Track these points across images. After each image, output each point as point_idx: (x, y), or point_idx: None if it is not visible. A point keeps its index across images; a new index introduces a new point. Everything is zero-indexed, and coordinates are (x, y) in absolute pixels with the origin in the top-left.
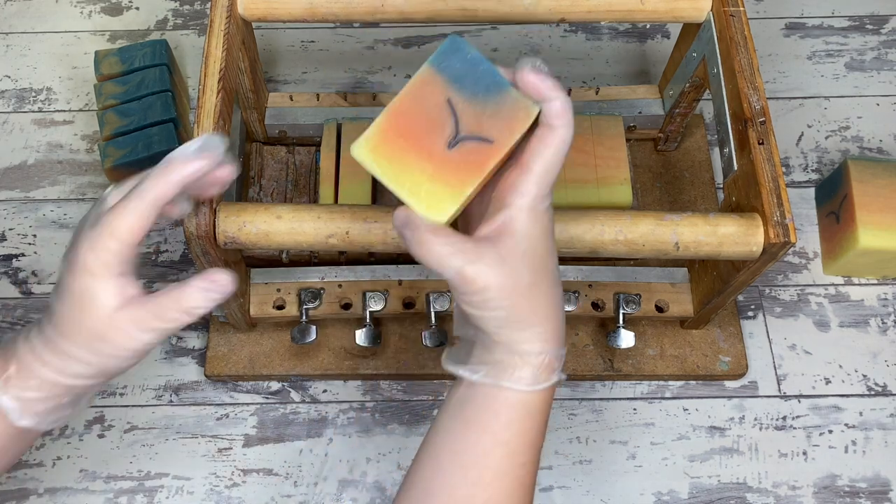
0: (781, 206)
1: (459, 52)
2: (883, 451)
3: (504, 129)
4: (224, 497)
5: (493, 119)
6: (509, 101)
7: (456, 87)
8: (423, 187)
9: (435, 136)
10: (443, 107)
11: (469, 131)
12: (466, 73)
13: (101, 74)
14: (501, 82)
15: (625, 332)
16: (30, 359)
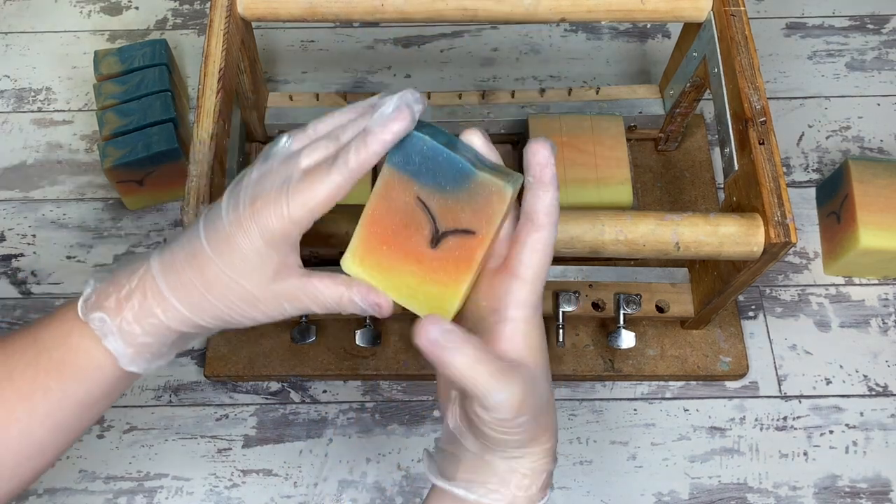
0: (782, 206)
1: (415, 146)
2: (884, 451)
3: (482, 217)
4: (224, 497)
5: (469, 208)
6: (480, 187)
7: (422, 183)
8: (419, 290)
9: (415, 237)
10: (415, 206)
11: (448, 226)
12: (428, 166)
13: (101, 74)
14: (465, 169)
15: (625, 332)
16: (154, 301)
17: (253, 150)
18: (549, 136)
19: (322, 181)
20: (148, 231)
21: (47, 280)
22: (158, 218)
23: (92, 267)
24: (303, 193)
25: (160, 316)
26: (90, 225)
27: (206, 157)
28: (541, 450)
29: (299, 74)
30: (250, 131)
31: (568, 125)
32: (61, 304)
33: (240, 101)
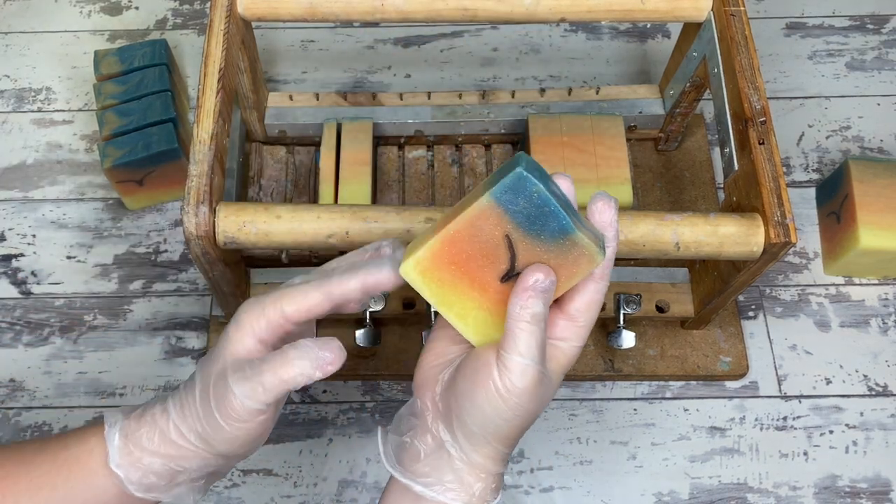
0: (782, 206)
1: (525, 190)
2: (884, 451)
3: (564, 273)
4: (224, 497)
5: (553, 262)
6: (574, 246)
7: (517, 224)
8: (472, 314)
9: (489, 269)
10: (500, 242)
11: (525, 269)
12: (531, 212)
13: (101, 74)
14: (568, 228)
15: (625, 332)
16: (162, 429)
17: (253, 150)
18: (549, 135)
19: (298, 288)
20: (148, 231)
21: (47, 280)
22: (158, 218)
23: (92, 267)
24: (277, 295)
25: (164, 440)
26: (90, 225)
27: (206, 157)
28: (498, 452)
29: (299, 74)
30: (250, 131)
31: (568, 125)
32: (101, 416)
33: (240, 101)
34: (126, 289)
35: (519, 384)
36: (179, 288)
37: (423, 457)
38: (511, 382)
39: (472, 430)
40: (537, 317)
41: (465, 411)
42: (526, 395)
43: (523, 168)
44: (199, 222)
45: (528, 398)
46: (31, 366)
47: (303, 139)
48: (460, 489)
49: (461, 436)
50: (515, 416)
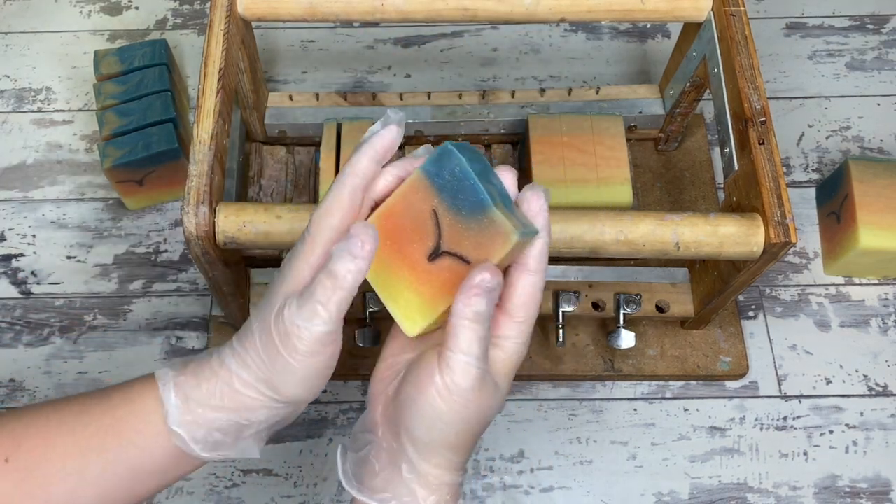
0: (782, 206)
1: (450, 163)
2: (884, 451)
3: (482, 252)
4: (224, 497)
5: (474, 239)
6: (491, 223)
7: (442, 199)
8: (403, 295)
9: (417, 245)
10: (428, 216)
11: (449, 247)
12: (454, 186)
13: (101, 74)
14: (485, 202)
15: (625, 332)
16: (218, 380)
17: (253, 149)
18: (549, 135)
19: (330, 204)
20: (148, 231)
21: (47, 280)
22: (158, 218)
23: (92, 267)
24: (319, 227)
25: (227, 396)
26: (90, 225)
27: (206, 157)
28: (449, 461)
29: (299, 74)
30: (250, 131)
31: (568, 125)
32: (147, 374)
33: (240, 101)
34: (126, 289)
35: (461, 383)
36: (179, 288)
37: (377, 472)
38: (452, 381)
39: (419, 438)
40: (481, 315)
41: (410, 418)
42: (468, 395)
43: (452, 145)
44: (199, 222)
45: (470, 398)
46: (31, 366)
47: (303, 139)
48: (414, 500)
49: (409, 445)
50: (459, 418)
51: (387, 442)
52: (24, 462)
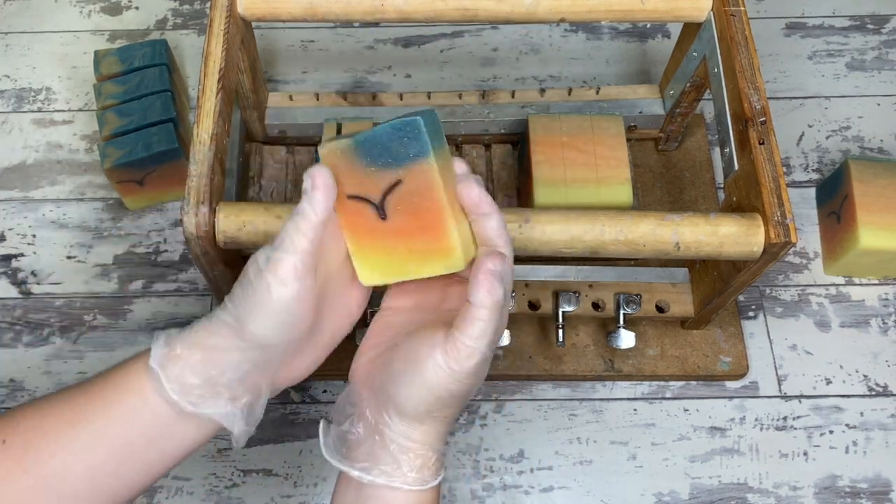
0: (782, 205)
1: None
2: (884, 451)
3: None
4: (224, 497)
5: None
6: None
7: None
8: (424, 256)
9: (372, 220)
10: (355, 202)
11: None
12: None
13: (101, 74)
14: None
15: (625, 332)
16: (209, 333)
17: (253, 149)
18: (549, 135)
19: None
20: (148, 231)
21: (47, 280)
22: (158, 218)
23: (92, 267)
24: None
25: (198, 334)
26: (90, 225)
27: (206, 157)
28: (436, 431)
29: (299, 74)
30: (250, 131)
31: (568, 125)
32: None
33: (240, 101)
34: (126, 289)
35: (466, 367)
36: (179, 288)
37: (360, 443)
38: (457, 364)
39: (407, 410)
40: (499, 304)
41: (402, 393)
42: (468, 380)
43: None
44: (199, 222)
45: (469, 380)
46: (31, 366)
47: (303, 139)
48: (397, 471)
49: (396, 417)
50: (452, 395)
51: (371, 413)
52: (20, 440)
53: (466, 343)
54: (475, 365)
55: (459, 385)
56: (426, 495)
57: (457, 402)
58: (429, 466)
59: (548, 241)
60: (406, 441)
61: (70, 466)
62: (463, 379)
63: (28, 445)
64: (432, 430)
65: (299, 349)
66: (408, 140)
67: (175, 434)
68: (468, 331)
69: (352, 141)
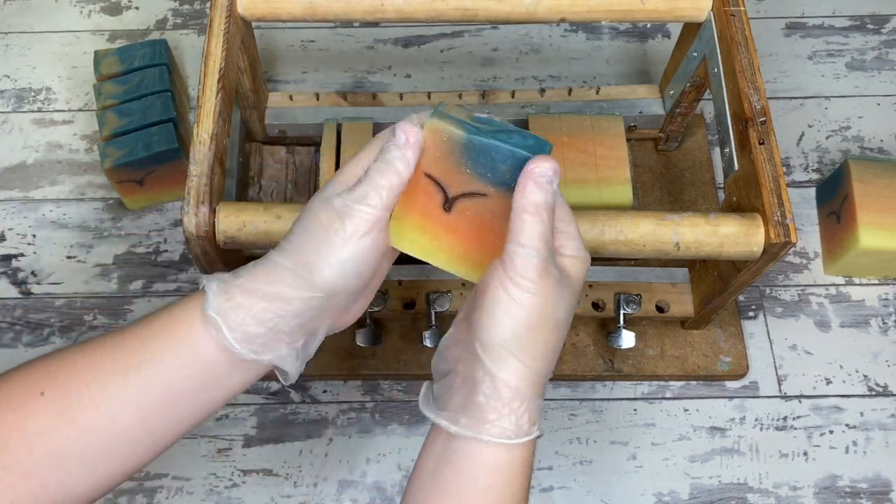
0: (782, 205)
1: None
2: (884, 451)
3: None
4: (224, 497)
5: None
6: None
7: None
8: (450, 253)
9: (433, 205)
10: (422, 177)
11: (460, 191)
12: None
13: (101, 74)
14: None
15: (625, 332)
16: (266, 280)
17: (253, 149)
18: (549, 136)
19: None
20: (148, 231)
21: (47, 280)
22: (158, 218)
23: (92, 267)
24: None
25: (262, 277)
26: (90, 225)
27: (206, 157)
28: (526, 368)
29: (299, 74)
30: (250, 131)
31: (568, 125)
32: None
33: (240, 101)
34: (126, 289)
35: (523, 272)
36: (179, 288)
37: (453, 396)
38: (513, 271)
39: (492, 344)
40: (538, 207)
41: (479, 323)
42: (530, 285)
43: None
44: (199, 222)
45: (538, 293)
46: None
47: (303, 139)
48: (483, 420)
49: (483, 353)
50: (528, 314)
51: (464, 363)
52: (60, 393)
53: (515, 249)
54: (536, 273)
55: (530, 299)
56: (516, 452)
57: (541, 327)
58: (517, 418)
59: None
60: (499, 379)
61: (117, 418)
62: (530, 289)
63: (70, 398)
64: (524, 365)
65: (359, 295)
66: (518, 170)
67: (226, 380)
68: (511, 236)
69: (464, 136)
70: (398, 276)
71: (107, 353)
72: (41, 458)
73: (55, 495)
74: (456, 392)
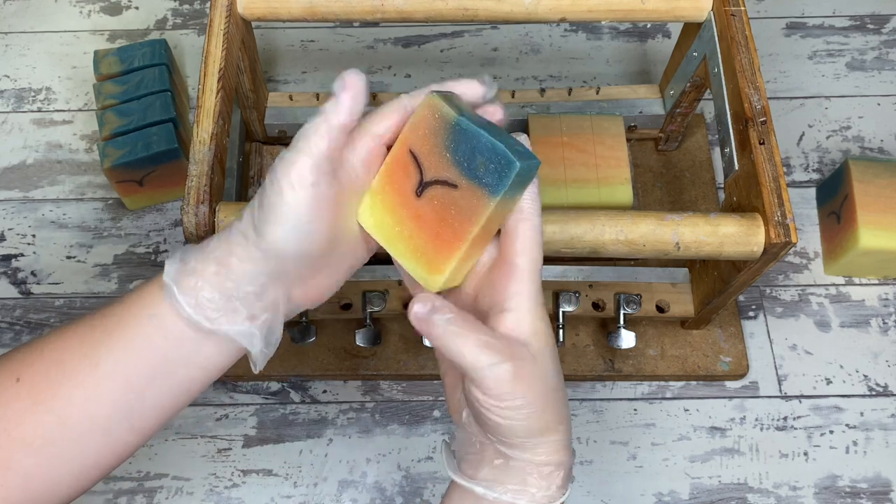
0: (782, 205)
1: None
2: (884, 451)
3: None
4: (224, 497)
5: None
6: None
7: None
8: (409, 244)
9: (406, 184)
10: (405, 155)
11: (434, 176)
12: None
13: (101, 74)
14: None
15: (625, 332)
16: (227, 250)
17: (253, 149)
18: (549, 136)
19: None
20: (148, 231)
21: (47, 280)
22: (158, 218)
23: (92, 267)
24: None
25: (212, 246)
26: (90, 225)
27: (206, 157)
28: (554, 441)
29: (299, 74)
30: (250, 131)
31: (568, 125)
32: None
33: (240, 101)
34: (126, 289)
35: (495, 392)
36: None
37: (483, 462)
38: (490, 398)
39: (514, 444)
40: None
41: (494, 432)
42: (515, 400)
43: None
44: (199, 222)
45: (519, 399)
46: None
47: None
48: (522, 489)
49: (510, 450)
50: (525, 416)
51: (491, 447)
52: (37, 378)
53: (481, 374)
54: (507, 387)
55: (518, 410)
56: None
57: (552, 409)
58: (556, 481)
59: (548, 241)
60: (534, 467)
61: (93, 405)
62: (514, 406)
63: (45, 383)
64: (550, 449)
65: (317, 267)
66: (493, 167)
67: (196, 356)
68: (506, 299)
69: (455, 117)
70: (398, 276)
71: (80, 336)
72: (18, 443)
73: (40, 486)
74: (488, 461)
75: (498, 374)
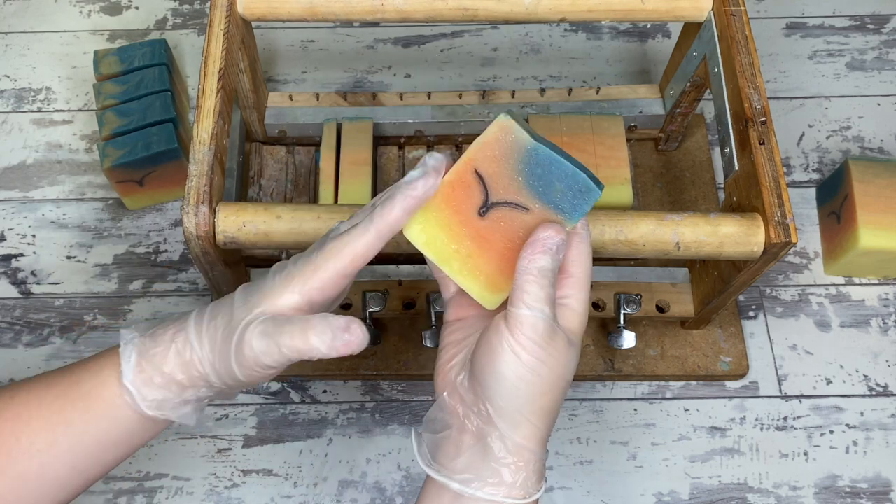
0: (782, 205)
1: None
2: (884, 451)
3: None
4: (224, 497)
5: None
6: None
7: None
8: (467, 263)
9: (468, 204)
10: (470, 175)
11: (501, 198)
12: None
13: (101, 74)
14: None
15: (625, 332)
16: (180, 349)
17: (253, 149)
18: (549, 135)
19: (351, 241)
20: (148, 231)
21: (47, 280)
22: (158, 218)
23: (92, 266)
24: (331, 256)
25: (180, 362)
26: (90, 225)
27: (206, 157)
28: (537, 429)
29: (299, 74)
30: (250, 131)
31: (568, 125)
32: (113, 346)
33: (240, 101)
34: (126, 289)
35: (531, 335)
36: (179, 288)
37: (460, 454)
38: (522, 336)
39: (503, 407)
40: (544, 271)
41: (491, 388)
42: (541, 352)
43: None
44: (199, 222)
45: (544, 355)
46: (31, 366)
47: (303, 139)
48: (499, 483)
49: (497, 418)
50: (537, 376)
51: (470, 422)
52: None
53: (521, 312)
54: (542, 336)
55: (541, 363)
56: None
57: (552, 390)
58: (531, 476)
59: None
60: (513, 443)
61: (50, 467)
62: (539, 353)
63: (4, 445)
64: (536, 428)
65: None
66: (571, 195)
67: (140, 434)
68: (516, 299)
69: (532, 141)
70: (398, 276)
71: (35, 404)
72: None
73: None
74: (463, 451)
75: (541, 325)
